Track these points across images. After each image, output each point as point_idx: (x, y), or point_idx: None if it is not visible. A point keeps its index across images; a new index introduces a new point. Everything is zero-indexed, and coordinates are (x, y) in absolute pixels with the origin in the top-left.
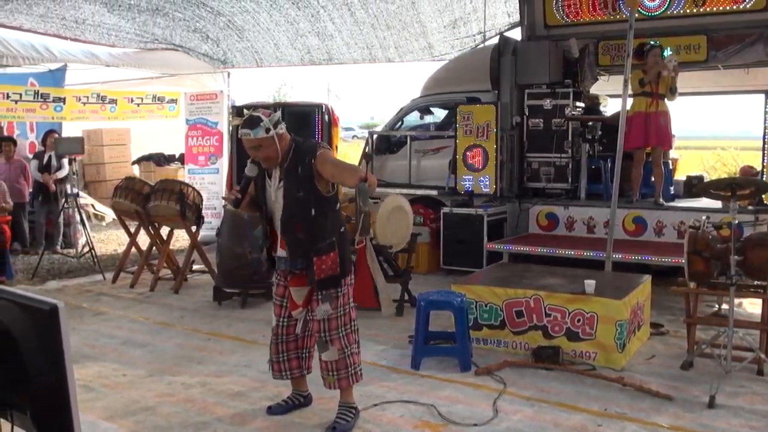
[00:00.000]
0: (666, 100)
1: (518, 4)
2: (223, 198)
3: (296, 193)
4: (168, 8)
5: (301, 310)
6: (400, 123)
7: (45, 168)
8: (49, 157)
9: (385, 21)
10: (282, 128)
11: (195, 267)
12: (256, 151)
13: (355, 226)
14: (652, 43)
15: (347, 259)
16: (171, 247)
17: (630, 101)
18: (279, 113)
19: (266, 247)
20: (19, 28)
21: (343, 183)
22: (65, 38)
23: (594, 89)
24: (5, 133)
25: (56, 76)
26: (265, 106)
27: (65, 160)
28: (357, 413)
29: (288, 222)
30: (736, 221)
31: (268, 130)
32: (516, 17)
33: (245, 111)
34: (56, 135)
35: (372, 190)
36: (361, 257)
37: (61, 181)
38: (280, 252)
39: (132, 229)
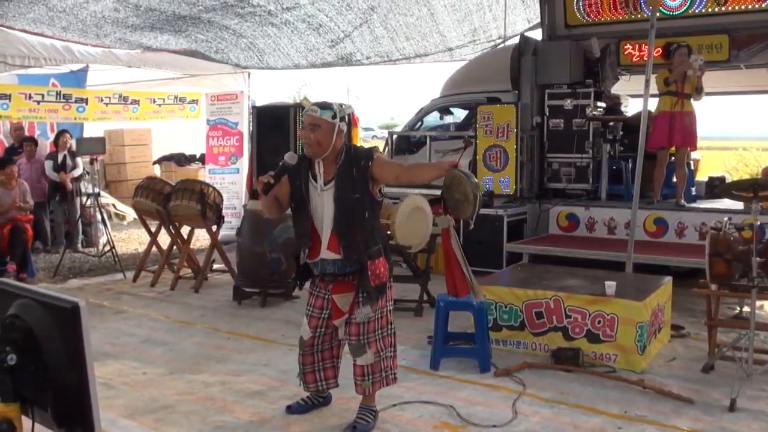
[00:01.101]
0: (692, 99)
1: (539, 4)
2: (256, 182)
3: (352, 194)
4: (190, 30)
5: (345, 317)
6: (420, 123)
7: (61, 167)
8: (64, 156)
9: (404, 33)
10: (345, 126)
11: (215, 266)
12: (311, 131)
13: (462, 212)
14: (679, 43)
15: (391, 265)
16: (191, 246)
17: (654, 101)
18: (351, 108)
19: (307, 248)
20: (42, 35)
21: (416, 180)
22: (86, 44)
23: (615, 89)
24: (26, 134)
25: (78, 77)
26: (286, 106)
27: (79, 159)
28: (376, 416)
29: (342, 223)
30: (758, 222)
31: (333, 116)
32: (536, 23)
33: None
34: (68, 135)
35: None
36: (448, 246)
37: (77, 180)
38: (328, 255)
39: (153, 229)
